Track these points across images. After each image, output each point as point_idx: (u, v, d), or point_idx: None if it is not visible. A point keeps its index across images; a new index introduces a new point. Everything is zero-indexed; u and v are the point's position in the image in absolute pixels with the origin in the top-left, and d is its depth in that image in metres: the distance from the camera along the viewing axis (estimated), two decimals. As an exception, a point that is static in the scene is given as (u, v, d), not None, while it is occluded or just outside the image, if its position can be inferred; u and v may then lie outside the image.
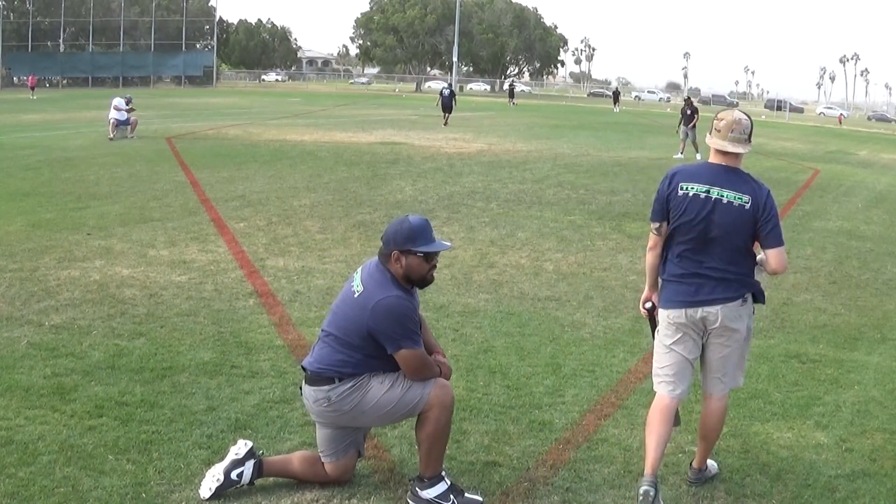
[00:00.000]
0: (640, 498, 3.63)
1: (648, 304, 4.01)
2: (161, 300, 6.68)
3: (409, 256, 3.60)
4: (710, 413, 3.93)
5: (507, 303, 7.03)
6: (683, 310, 3.76)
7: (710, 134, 3.78)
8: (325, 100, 52.32)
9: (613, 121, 40.92)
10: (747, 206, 3.67)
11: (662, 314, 3.86)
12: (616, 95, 61.37)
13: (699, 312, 3.74)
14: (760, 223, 3.68)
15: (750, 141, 3.76)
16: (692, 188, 3.73)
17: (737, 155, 3.74)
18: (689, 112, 22.52)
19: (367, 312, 3.54)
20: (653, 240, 3.89)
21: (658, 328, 3.91)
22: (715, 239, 3.70)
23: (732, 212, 3.67)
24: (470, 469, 4.03)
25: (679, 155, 21.91)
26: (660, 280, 3.94)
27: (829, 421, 4.81)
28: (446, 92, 31.78)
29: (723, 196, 3.69)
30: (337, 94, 66.33)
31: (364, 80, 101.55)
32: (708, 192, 3.70)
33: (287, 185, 13.58)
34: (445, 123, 30.00)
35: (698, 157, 21.51)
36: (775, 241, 3.70)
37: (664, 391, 3.88)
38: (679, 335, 3.81)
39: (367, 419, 3.71)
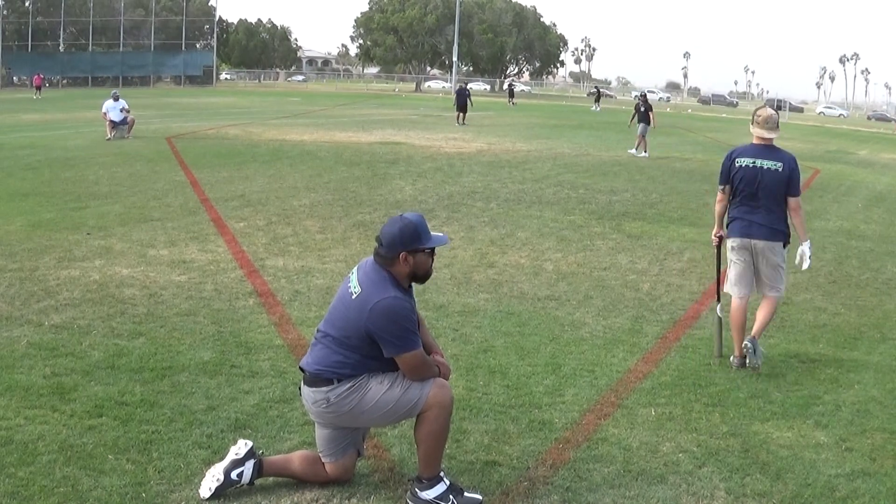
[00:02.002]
0: (745, 348, 5.48)
1: (719, 234, 5.87)
2: (161, 300, 6.68)
3: (418, 254, 3.62)
4: (765, 305, 5.73)
5: (507, 302, 7.04)
6: (741, 238, 5.68)
7: (752, 124, 5.68)
8: (325, 99, 52.30)
9: (613, 120, 40.87)
10: (780, 169, 5.55)
11: (730, 242, 5.76)
12: (598, 94, 60.46)
13: (750, 242, 5.64)
14: (789, 180, 5.55)
15: (778, 127, 5.70)
16: (744, 161, 5.62)
17: (772, 138, 5.63)
18: (643, 109, 22.29)
19: (366, 314, 3.53)
20: (719, 196, 5.82)
21: (728, 252, 5.80)
22: (760, 193, 5.56)
23: (771, 174, 5.55)
24: (470, 468, 4.03)
25: (633, 151, 21.63)
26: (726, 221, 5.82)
27: (829, 420, 4.82)
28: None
29: (764, 165, 5.57)
30: (314, 93, 66.22)
31: (301, 77, 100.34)
32: (755, 162, 5.59)
33: (287, 184, 13.58)
34: (460, 123, 30.55)
35: (644, 155, 21.21)
36: (795, 191, 5.61)
37: (735, 294, 5.76)
38: (739, 253, 5.71)
39: (366, 419, 3.70)
